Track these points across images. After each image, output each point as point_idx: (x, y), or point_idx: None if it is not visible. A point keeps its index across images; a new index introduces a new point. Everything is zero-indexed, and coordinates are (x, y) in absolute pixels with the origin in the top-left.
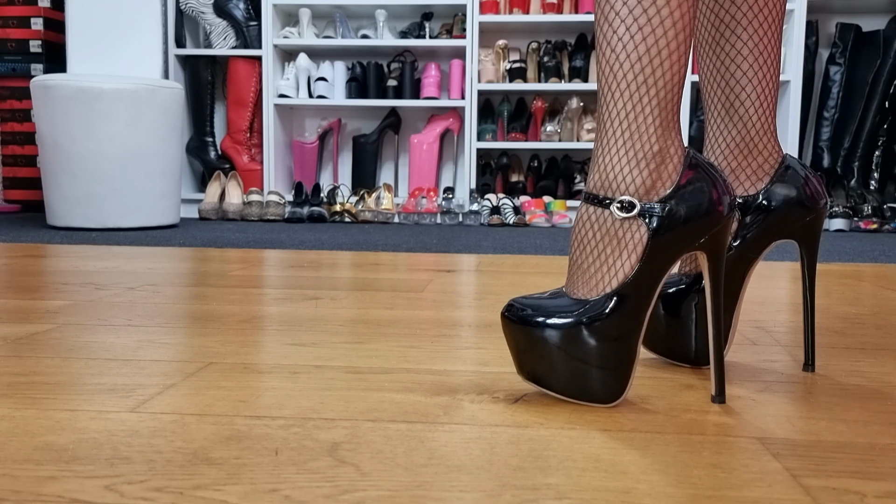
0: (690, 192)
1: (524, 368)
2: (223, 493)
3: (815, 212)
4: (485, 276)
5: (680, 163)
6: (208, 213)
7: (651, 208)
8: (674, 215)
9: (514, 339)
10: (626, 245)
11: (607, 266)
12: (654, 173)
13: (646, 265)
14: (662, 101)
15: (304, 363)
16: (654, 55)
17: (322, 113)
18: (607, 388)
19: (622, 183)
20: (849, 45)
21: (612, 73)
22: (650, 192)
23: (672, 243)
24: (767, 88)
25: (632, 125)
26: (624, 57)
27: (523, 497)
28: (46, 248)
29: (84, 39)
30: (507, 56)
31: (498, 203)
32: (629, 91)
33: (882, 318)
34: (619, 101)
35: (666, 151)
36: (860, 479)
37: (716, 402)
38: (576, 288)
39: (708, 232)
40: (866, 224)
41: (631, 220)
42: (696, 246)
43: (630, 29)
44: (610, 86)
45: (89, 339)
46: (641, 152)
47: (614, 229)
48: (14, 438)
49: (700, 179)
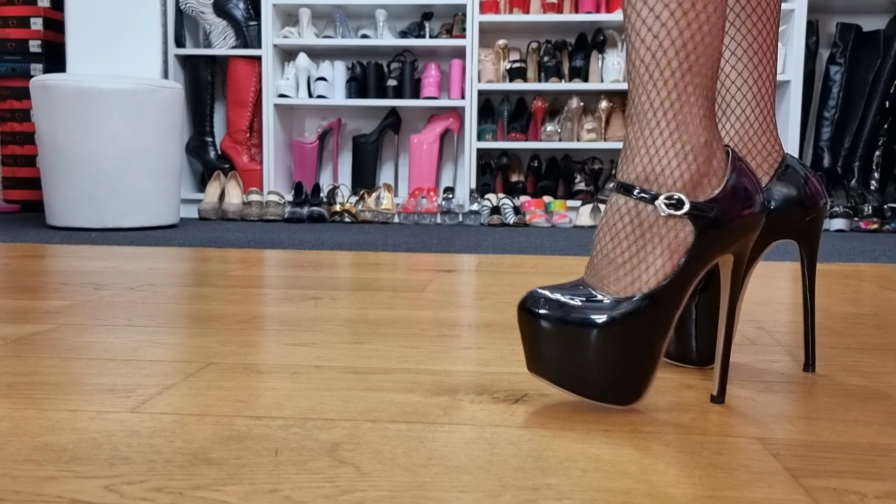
0: (737, 193)
1: (536, 363)
2: (223, 494)
3: (815, 211)
4: (485, 276)
5: (724, 158)
6: (208, 213)
7: (701, 208)
8: (723, 216)
9: (529, 332)
10: (670, 244)
11: (646, 264)
12: (702, 167)
13: (686, 266)
14: (707, 90)
15: (303, 363)
16: (698, 40)
17: (322, 113)
18: (629, 390)
19: (669, 177)
20: (849, 45)
21: (652, 58)
22: (697, 188)
23: (714, 245)
24: (764, 87)
25: (677, 115)
26: (668, 43)
27: (523, 497)
28: (46, 248)
29: (83, 39)
30: (507, 56)
31: (498, 203)
32: (674, 79)
33: (882, 319)
34: (662, 90)
35: (712, 144)
36: (860, 479)
37: (715, 402)
38: (605, 283)
39: (746, 234)
40: (867, 224)
41: (676, 218)
42: (732, 248)
43: (674, 13)
44: (651, 73)
45: (89, 340)
46: (689, 144)
47: (657, 226)
48: (14, 438)
49: (744, 179)
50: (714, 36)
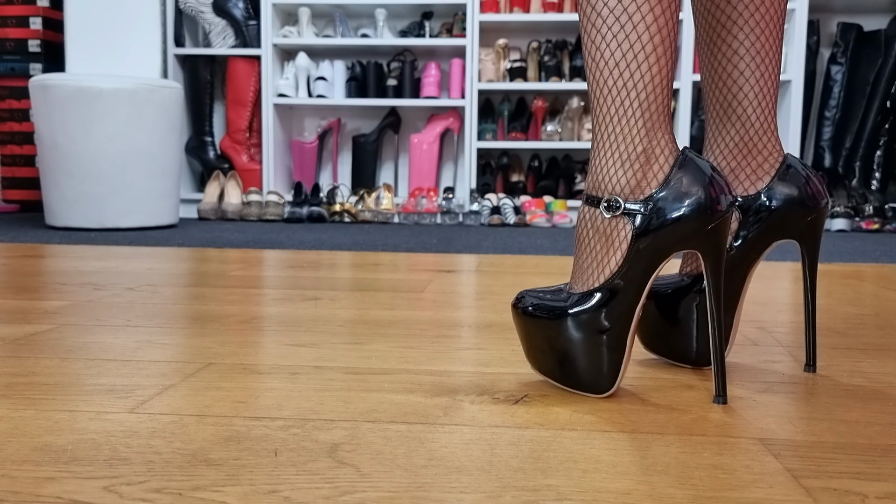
0: (678, 192)
1: (530, 358)
2: (222, 494)
3: (816, 212)
4: (485, 276)
5: (667, 162)
6: (207, 213)
7: (635, 207)
8: (659, 214)
9: (518, 329)
10: (613, 242)
11: (597, 262)
12: (638, 173)
13: (631, 262)
14: (645, 103)
15: (303, 364)
16: (631, 59)
17: (321, 112)
18: (597, 380)
19: (609, 183)
20: (850, 45)
21: (600, 76)
22: (635, 191)
23: (658, 241)
24: (766, 88)
25: (616, 127)
26: (609, 59)
27: (524, 498)
28: (45, 249)
29: (83, 39)
30: (507, 55)
31: (498, 203)
32: (611, 94)
33: (883, 319)
34: (604, 105)
35: (651, 152)
36: (861, 479)
37: (718, 403)
38: (574, 283)
39: (699, 231)
40: (868, 224)
41: (617, 218)
42: (688, 245)
43: (613, 30)
44: (600, 89)
45: (88, 340)
46: (626, 153)
47: (603, 227)
48: (13, 439)
49: (690, 178)
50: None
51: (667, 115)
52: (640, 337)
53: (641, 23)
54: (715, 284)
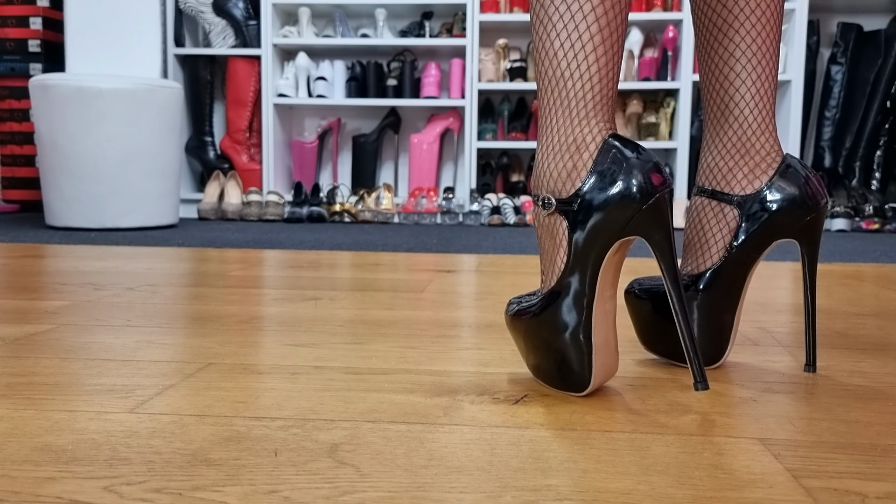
0: (601, 182)
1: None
2: (222, 495)
3: (815, 211)
4: (485, 276)
5: (596, 150)
6: (207, 213)
7: (566, 203)
8: (588, 207)
9: (510, 333)
10: (558, 241)
11: (550, 261)
12: (569, 164)
13: (574, 258)
14: (581, 92)
15: (303, 364)
16: (568, 49)
17: (321, 112)
18: (571, 378)
19: (543, 177)
20: (850, 45)
21: (541, 67)
22: (566, 182)
23: (593, 234)
24: (764, 88)
25: (553, 118)
26: (549, 50)
27: (524, 498)
28: (45, 249)
29: (83, 39)
30: (507, 55)
31: (498, 203)
32: (550, 85)
33: (883, 319)
34: (545, 97)
35: (582, 140)
36: (862, 480)
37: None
38: (542, 285)
39: (633, 216)
40: (868, 224)
41: (554, 216)
42: (623, 232)
43: (554, 22)
44: (542, 80)
45: (88, 340)
46: (559, 144)
47: (547, 225)
48: (13, 439)
49: (613, 165)
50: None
51: (607, 106)
52: (639, 337)
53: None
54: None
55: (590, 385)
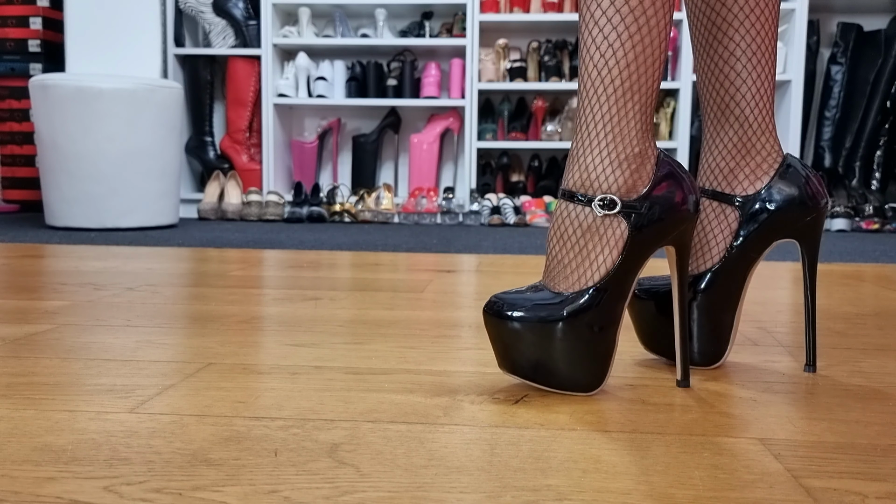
0: (664, 192)
1: (506, 361)
2: (222, 495)
3: (815, 211)
4: (485, 276)
5: (654, 164)
6: (207, 213)
7: (632, 206)
8: (651, 213)
9: (495, 333)
10: (608, 241)
11: (589, 261)
12: (634, 174)
13: (625, 260)
14: (644, 106)
15: (303, 364)
16: (641, 61)
17: (321, 112)
18: (589, 377)
19: (604, 182)
20: (850, 45)
21: (598, 76)
22: (630, 191)
23: (648, 238)
24: (763, 88)
25: (615, 128)
26: (613, 63)
27: (524, 498)
28: (45, 249)
29: (83, 39)
30: (507, 55)
31: (498, 203)
32: (615, 96)
33: (883, 319)
34: (604, 105)
35: (645, 153)
36: (861, 479)
37: (681, 386)
38: (556, 282)
39: (677, 228)
40: (868, 224)
41: (612, 216)
42: (666, 241)
43: (621, 35)
44: (596, 89)
45: (88, 340)
46: (623, 154)
47: (595, 225)
48: (13, 439)
49: (672, 179)
50: (655, 58)
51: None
52: (640, 337)
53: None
54: (681, 277)
55: (602, 384)
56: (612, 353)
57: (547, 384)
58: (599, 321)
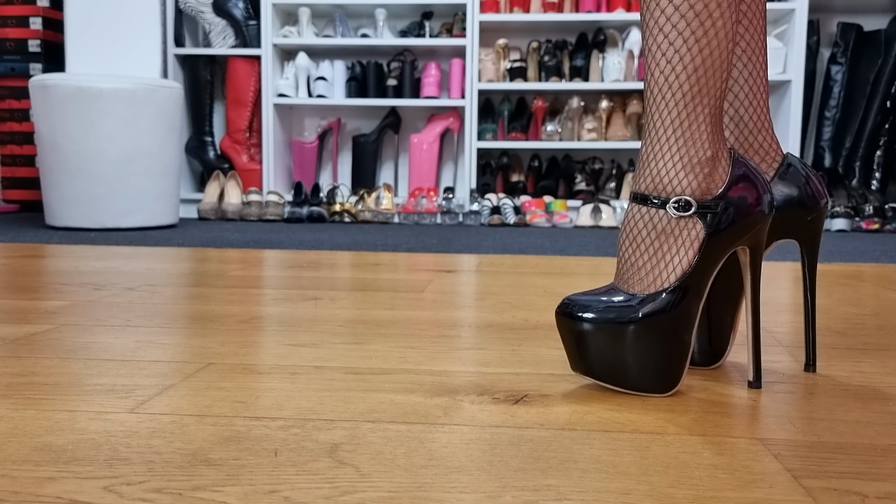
0: (739, 192)
1: (578, 363)
2: (222, 495)
3: (815, 211)
4: (485, 276)
5: (728, 165)
6: (207, 213)
7: (708, 206)
8: (727, 213)
9: (567, 335)
10: (683, 242)
11: (664, 263)
12: (707, 177)
13: (702, 261)
14: (713, 108)
15: (303, 364)
16: (708, 65)
17: (321, 112)
18: (667, 378)
19: (677, 186)
20: (850, 45)
21: (665, 82)
22: (705, 193)
23: (725, 240)
24: (757, 87)
25: (685, 133)
26: (681, 68)
27: (524, 498)
28: (45, 249)
29: (83, 39)
30: (507, 55)
31: (498, 203)
32: (684, 101)
33: (883, 319)
34: (672, 110)
35: (716, 156)
36: (862, 479)
37: (753, 388)
38: (630, 284)
39: (753, 229)
40: (868, 224)
41: (687, 218)
42: (742, 242)
43: (688, 41)
44: (664, 95)
45: (88, 340)
46: (696, 158)
47: (670, 227)
48: (13, 439)
49: (746, 180)
50: (723, 59)
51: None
52: None
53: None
54: (754, 278)
55: (678, 385)
56: (687, 354)
57: (622, 386)
58: (675, 322)
